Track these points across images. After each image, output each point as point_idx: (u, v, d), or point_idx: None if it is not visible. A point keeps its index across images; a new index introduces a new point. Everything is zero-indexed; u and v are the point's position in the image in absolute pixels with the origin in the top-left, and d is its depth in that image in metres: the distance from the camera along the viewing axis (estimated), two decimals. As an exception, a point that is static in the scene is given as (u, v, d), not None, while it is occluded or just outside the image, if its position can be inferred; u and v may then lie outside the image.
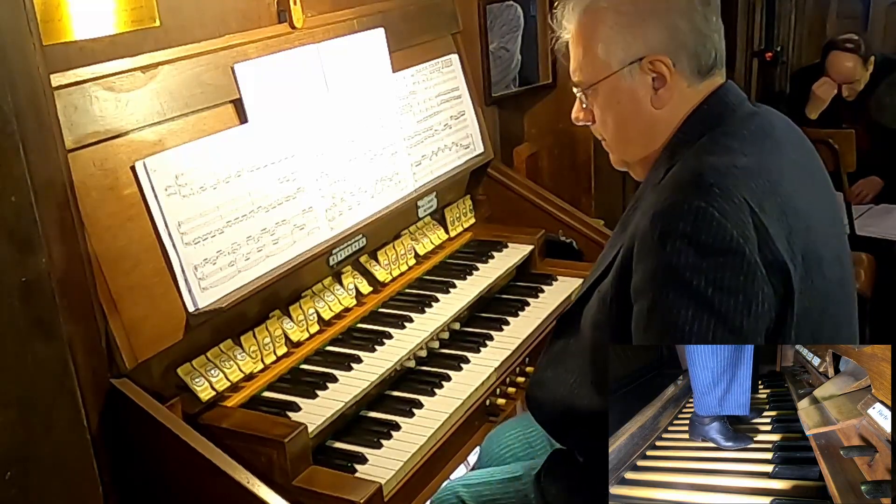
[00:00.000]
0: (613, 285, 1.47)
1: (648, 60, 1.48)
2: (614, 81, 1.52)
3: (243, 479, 1.53)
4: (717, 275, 1.30)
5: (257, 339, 1.89)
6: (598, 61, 1.52)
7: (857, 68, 3.99)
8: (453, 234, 2.54)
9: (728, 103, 1.52)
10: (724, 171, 1.37)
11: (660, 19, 1.48)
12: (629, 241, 1.43)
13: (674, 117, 1.52)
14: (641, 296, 1.38)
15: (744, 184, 1.35)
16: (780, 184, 1.40)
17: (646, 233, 1.36)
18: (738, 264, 1.30)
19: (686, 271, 1.31)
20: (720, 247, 1.30)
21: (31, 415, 1.42)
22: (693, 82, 1.50)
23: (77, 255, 1.51)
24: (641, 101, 1.51)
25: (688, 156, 1.46)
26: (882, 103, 4.01)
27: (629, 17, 1.49)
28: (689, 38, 1.48)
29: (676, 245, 1.32)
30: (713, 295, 1.30)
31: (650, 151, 1.55)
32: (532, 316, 2.29)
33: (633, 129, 1.56)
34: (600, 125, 1.60)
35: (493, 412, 2.01)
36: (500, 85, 2.96)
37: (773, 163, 1.44)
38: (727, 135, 1.47)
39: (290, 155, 2.00)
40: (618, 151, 1.63)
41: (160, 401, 1.64)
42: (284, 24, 2.09)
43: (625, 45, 1.49)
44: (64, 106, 1.56)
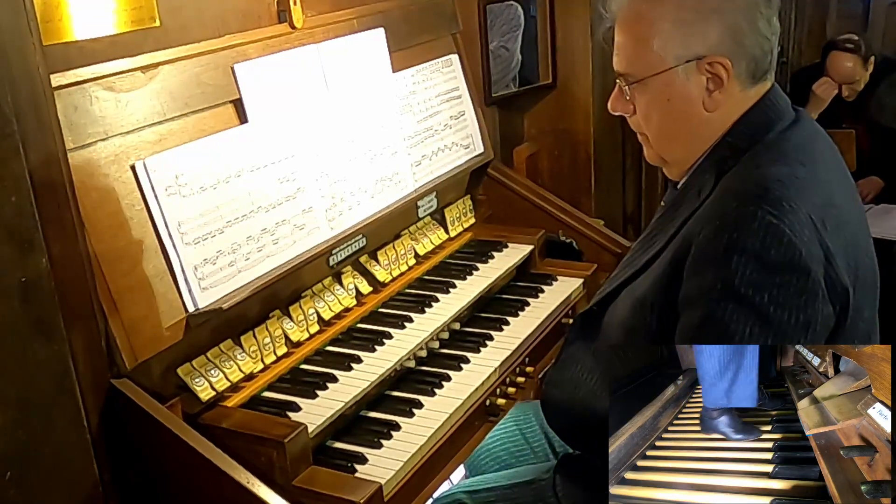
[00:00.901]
0: (657, 290, 1.42)
1: (707, 61, 1.42)
2: (667, 78, 1.45)
3: (243, 479, 1.53)
4: (781, 294, 1.27)
5: (257, 339, 1.89)
6: (651, 55, 1.45)
7: (857, 68, 3.99)
8: (453, 234, 2.54)
9: (779, 107, 1.47)
10: (789, 183, 1.32)
11: (723, 19, 1.41)
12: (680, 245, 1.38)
13: (724, 121, 1.46)
14: (695, 306, 1.34)
15: (807, 197, 1.31)
16: (834, 196, 1.37)
17: (709, 243, 1.32)
18: (803, 284, 1.27)
19: (749, 288, 1.27)
20: (788, 266, 1.27)
21: (31, 415, 1.42)
22: (747, 87, 1.45)
23: (77, 255, 1.51)
24: (693, 102, 1.45)
25: (745, 164, 1.41)
26: (882, 103, 4.01)
27: (691, 13, 1.42)
28: (750, 41, 1.42)
29: (743, 260, 1.28)
30: (774, 313, 1.27)
31: (694, 153, 1.50)
32: (532, 316, 2.29)
33: (680, 130, 1.50)
34: (642, 119, 1.54)
35: (493, 412, 2.01)
36: (500, 85, 2.96)
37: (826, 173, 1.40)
38: (781, 142, 1.42)
39: (290, 155, 2.00)
40: (658, 148, 1.57)
41: (160, 401, 1.64)
42: (284, 24, 2.09)
43: (683, 42, 1.43)
44: (64, 106, 1.56)
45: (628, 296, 1.50)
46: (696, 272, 1.34)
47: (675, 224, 1.45)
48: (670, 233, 1.44)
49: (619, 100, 1.55)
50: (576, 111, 3.09)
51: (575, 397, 1.57)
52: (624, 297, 1.52)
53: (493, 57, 2.90)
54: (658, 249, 1.45)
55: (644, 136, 1.57)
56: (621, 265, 1.60)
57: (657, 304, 1.42)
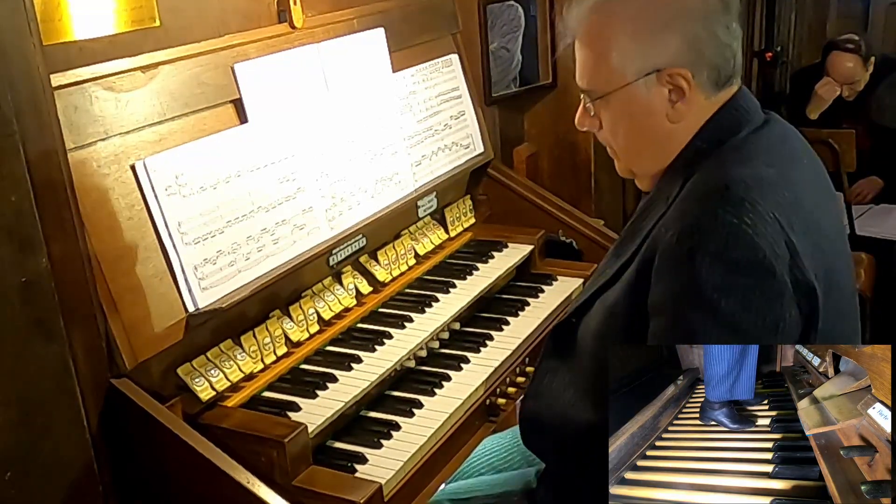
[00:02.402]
0: (625, 298, 1.41)
1: (667, 73, 1.40)
2: (628, 93, 1.43)
3: (243, 479, 1.53)
4: (746, 295, 1.25)
5: (257, 339, 1.89)
6: (610, 70, 1.43)
7: (858, 68, 3.99)
8: (453, 234, 2.54)
9: (746, 110, 1.45)
10: (752, 183, 1.31)
11: (679, 29, 1.39)
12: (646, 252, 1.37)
13: (689, 130, 1.44)
14: (661, 312, 1.33)
15: (772, 198, 1.29)
16: (803, 197, 1.35)
17: (672, 247, 1.30)
18: (768, 285, 1.26)
19: (714, 291, 1.26)
20: (751, 266, 1.25)
21: (31, 415, 1.42)
22: (710, 95, 1.43)
23: (77, 255, 1.51)
24: (657, 114, 1.43)
25: (708, 166, 1.39)
26: (882, 103, 4.01)
27: (647, 25, 1.40)
28: (710, 49, 1.40)
29: (706, 262, 1.26)
30: (740, 316, 1.26)
31: (662, 164, 1.48)
32: (532, 316, 2.29)
33: (646, 142, 1.48)
34: (609, 134, 1.52)
35: (493, 412, 2.01)
36: (500, 85, 2.96)
37: (794, 174, 1.38)
38: (747, 143, 1.40)
39: (290, 155, 2.00)
40: (627, 162, 1.56)
41: (160, 401, 1.64)
42: (284, 24, 2.09)
43: (642, 56, 1.40)
44: (64, 106, 1.56)
45: (601, 305, 1.49)
46: (662, 277, 1.33)
47: (644, 230, 1.43)
48: (639, 239, 1.42)
49: (585, 116, 1.54)
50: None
51: (550, 410, 1.55)
52: (597, 306, 1.50)
53: (493, 57, 2.90)
54: (628, 257, 1.44)
55: (612, 149, 1.56)
56: (594, 274, 1.58)
57: (627, 311, 1.40)
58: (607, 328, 1.46)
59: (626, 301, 1.41)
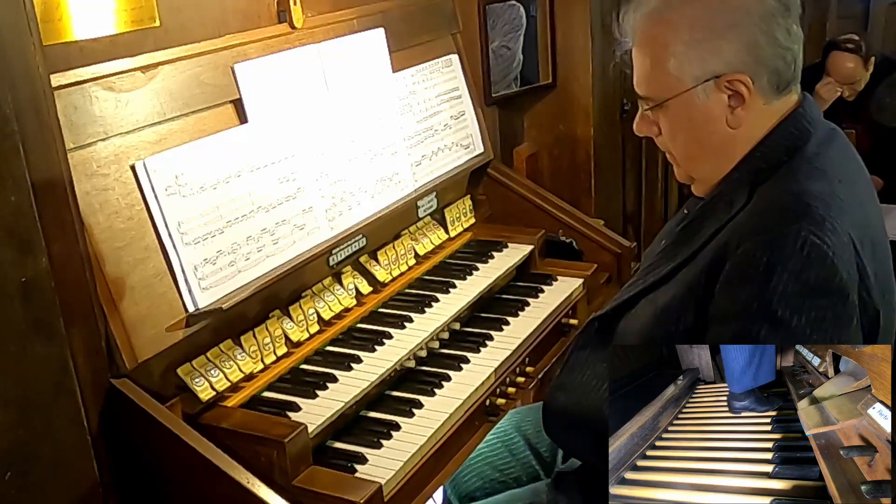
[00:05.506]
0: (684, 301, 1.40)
1: (726, 79, 1.38)
2: (687, 99, 1.42)
3: (243, 479, 1.53)
4: (818, 317, 1.25)
5: (257, 339, 1.89)
6: (668, 76, 1.42)
7: (858, 69, 3.99)
8: (453, 234, 2.53)
9: (813, 120, 1.43)
10: (829, 200, 1.29)
11: (738, 34, 1.37)
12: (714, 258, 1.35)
13: (750, 136, 1.43)
14: (727, 320, 1.32)
15: (847, 216, 1.29)
16: (869, 215, 1.35)
17: (748, 258, 1.29)
18: (840, 308, 1.25)
19: (787, 308, 1.25)
20: (828, 288, 1.25)
21: (31, 415, 1.42)
22: (771, 100, 1.41)
23: (77, 255, 1.51)
24: (716, 120, 1.42)
25: (783, 177, 1.37)
26: (882, 103, 4.01)
27: (705, 31, 1.38)
28: (769, 54, 1.38)
29: (783, 278, 1.25)
30: (808, 337, 1.25)
31: (722, 170, 1.46)
32: (532, 316, 2.29)
33: (706, 149, 1.46)
34: (668, 140, 1.50)
35: (493, 412, 2.01)
36: (500, 85, 2.96)
37: (861, 190, 1.38)
38: (820, 157, 1.39)
39: (290, 155, 2.00)
40: (686, 167, 1.54)
41: (160, 401, 1.64)
42: (284, 24, 2.09)
43: (700, 62, 1.39)
44: (64, 106, 1.56)
45: (649, 304, 1.47)
46: (732, 287, 1.31)
47: (704, 235, 1.42)
48: (698, 244, 1.41)
49: (643, 122, 1.52)
50: (576, 111, 3.09)
51: (582, 403, 1.54)
52: (644, 305, 1.49)
53: (494, 57, 2.90)
54: (683, 259, 1.42)
55: (672, 155, 1.55)
56: (641, 272, 1.56)
57: (684, 315, 1.39)
58: (657, 329, 1.44)
59: (681, 303, 1.40)
